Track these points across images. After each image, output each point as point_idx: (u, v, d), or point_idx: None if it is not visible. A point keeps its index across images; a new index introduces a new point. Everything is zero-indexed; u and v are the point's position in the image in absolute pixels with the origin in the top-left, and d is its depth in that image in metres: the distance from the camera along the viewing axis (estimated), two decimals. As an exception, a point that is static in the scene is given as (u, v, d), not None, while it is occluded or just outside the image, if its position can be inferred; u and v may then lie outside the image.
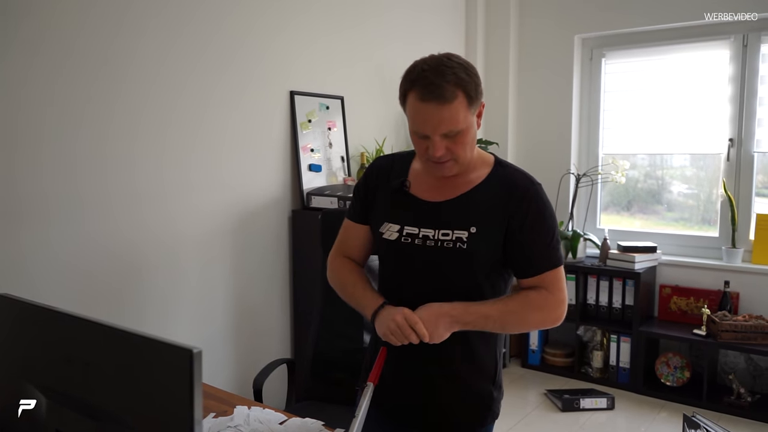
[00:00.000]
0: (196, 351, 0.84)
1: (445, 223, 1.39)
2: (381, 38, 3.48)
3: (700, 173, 3.92)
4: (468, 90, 1.30)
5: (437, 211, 1.41)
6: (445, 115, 1.28)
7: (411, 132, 1.37)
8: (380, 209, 1.49)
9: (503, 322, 1.38)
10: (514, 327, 1.47)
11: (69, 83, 2.14)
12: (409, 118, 1.35)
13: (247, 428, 1.47)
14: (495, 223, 1.37)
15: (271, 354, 2.87)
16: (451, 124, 1.29)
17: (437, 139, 1.31)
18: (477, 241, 1.36)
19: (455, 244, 1.37)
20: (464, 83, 1.29)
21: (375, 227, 1.49)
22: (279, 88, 2.93)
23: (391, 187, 1.47)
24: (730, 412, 3.34)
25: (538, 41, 4.21)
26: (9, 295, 1.14)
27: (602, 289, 3.83)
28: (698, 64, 3.77)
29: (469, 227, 1.37)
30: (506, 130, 4.28)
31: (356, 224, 1.56)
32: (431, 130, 1.31)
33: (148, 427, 0.92)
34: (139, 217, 2.38)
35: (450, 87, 1.27)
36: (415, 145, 1.39)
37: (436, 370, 1.45)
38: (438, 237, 1.38)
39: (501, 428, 3.18)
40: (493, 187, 1.40)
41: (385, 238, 1.45)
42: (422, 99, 1.29)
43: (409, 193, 1.45)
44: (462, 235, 1.37)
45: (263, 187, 2.88)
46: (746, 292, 3.58)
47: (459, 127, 1.30)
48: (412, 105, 1.32)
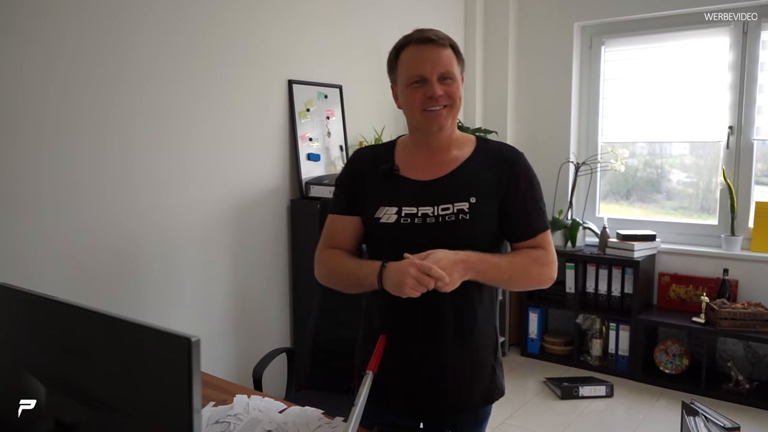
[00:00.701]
0: (195, 339, 0.84)
1: (444, 197, 1.41)
2: (379, 27, 3.46)
3: (699, 161, 3.91)
4: (456, 48, 1.43)
5: (433, 188, 1.43)
6: (443, 54, 1.39)
7: (405, 86, 1.42)
8: (372, 196, 1.47)
9: (511, 274, 1.42)
10: (519, 281, 1.47)
11: (64, 73, 2.12)
12: (405, 67, 1.41)
13: (246, 417, 1.47)
14: (490, 192, 1.43)
15: (270, 343, 2.87)
16: (448, 64, 1.39)
17: (435, 80, 1.38)
18: (478, 211, 1.40)
19: (458, 216, 1.40)
20: (452, 41, 1.43)
21: (369, 214, 1.47)
22: (277, 77, 2.92)
23: (379, 173, 1.47)
24: (729, 399, 3.35)
25: (538, 29, 4.19)
26: (7, 284, 1.14)
27: (601, 277, 3.84)
28: (698, 52, 3.75)
29: (469, 198, 1.41)
30: (505, 119, 4.26)
31: (344, 216, 1.52)
32: (430, 69, 1.38)
33: (148, 415, 0.92)
34: (136, 207, 2.38)
35: (443, 39, 1.41)
36: (409, 98, 1.42)
37: (436, 352, 1.45)
38: (438, 213, 1.41)
39: (500, 416, 3.20)
40: (482, 160, 1.46)
41: (382, 222, 1.44)
42: (420, 43, 1.39)
43: (400, 175, 1.46)
44: (464, 207, 1.40)
45: (262, 176, 2.87)
46: (745, 279, 3.58)
47: (453, 71, 1.40)
48: (409, 53, 1.41)
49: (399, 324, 1.46)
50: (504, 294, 4.09)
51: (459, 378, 1.47)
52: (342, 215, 1.52)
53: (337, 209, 1.54)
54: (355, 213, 1.51)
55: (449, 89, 1.40)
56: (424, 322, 1.44)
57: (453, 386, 1.47)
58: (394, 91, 1.50)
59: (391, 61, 1.46)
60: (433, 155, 1.47)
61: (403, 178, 1.46)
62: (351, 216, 1.51)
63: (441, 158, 1.46)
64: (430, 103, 1.39)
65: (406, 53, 1.41)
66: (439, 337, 1.44)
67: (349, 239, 1.52)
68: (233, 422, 1.45)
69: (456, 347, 1.45)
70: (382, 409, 1.47)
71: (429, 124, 1.42)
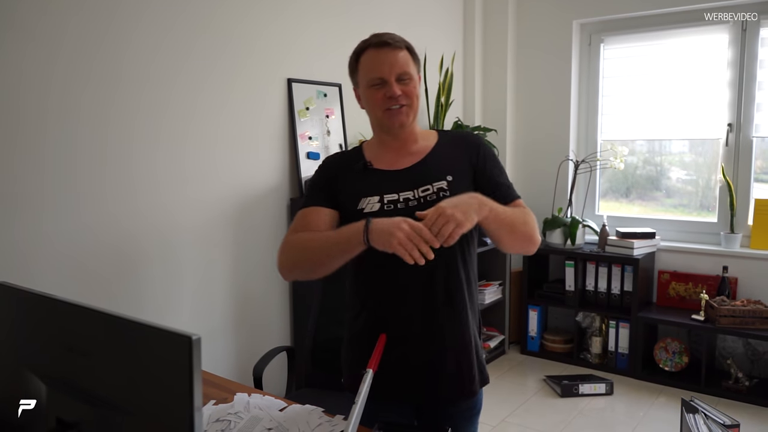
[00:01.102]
0: (195, 338, 0.84)
1: (422, 180, 1.48)
2: (379, 25, 3.45)
3: (698, 159, 3.91)
4: (412, 50, 1.51)
5: (409, 174, 1.50)
6: (400, 58, 1.47)
7: (366, 88, 1.49)
8: (350, 191, 1.51)
9: (512, 219, 1.43)
10: (519, 227, 1.45)
11: (64, 71, 2.12)
12: (365, 70, 1.48)
13: (247, 415, 1.47)
14: (464, 169, 1.52)
15: (270, 342, 2.88)
16: (404, 65, 1.47)
17: (393, 81, 1.46)
18: (457, 187, 1.47)
19: (438, 195, 1.45)
20: (408, 44, 1.51)
21: (350, 207, 1.49)
22: (276, 76, 2.92)
23: (354, 170, 1.53)
24: (729, 397, 3.36)
25: (537, 27, 4.19)
26: (8, 283, 1.14)
27: (601, 275, 3.84)
28: (697, 49, 3.75)
29: (446, 176, 1.48)
30: (504, 117, 4.26)
31: (319, 208, 1.51)
32: (388, 71, 1.45)
33: (148, 414, 0.92)
34: (136, 207, 2.37)
35: (399, 42, 1.49)
36: (371, 99, 1.49)
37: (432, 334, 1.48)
38: (419, 195, 1.47)
39: (500, 414, 3.20)
40: (447, 145, 1.56)
41: (366, 212, 1.46)
42: (378, 47, 1.47)
43: (375, 168, 1.52)
44: (442, 185, 1.47)
45: (261, 175, 2.87)
46: (744, 277, 3.59)
47: (410, 71, 1.48)
48: (368, 57, 1.48)
49: (393, 309, 1.48)
50: (504, 293, 4.09)
51: (455, 361, 1.50)
52: (317, 206, 1.52)
53: (311, 202, 1.54)
54: (330, 204, 1.53)
55: (407, 88, 1.47)
56: (417, 304, 1.47)
57: (451, 369, 1.50)
58: (357, 92, 1.57)
59: (351, 65, 1.54)
60: (400, 148, 1.55)
61: (378, 170, 1.52)
62: (328, 208, 1.52)
63: (409, 149, 1.54)
64: (391, 103, 1.47)
65: (366, 57, 1.49)
66: (435, 320, 1.47)
67: (323, 229, 1.49)
68: (234, 420, 1.45)
69: (452, 327, 1.49)
70: (379, 407, 1.47)
71: (391, 122, 1.49)
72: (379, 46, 1.47)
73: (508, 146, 4.29)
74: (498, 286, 4.05)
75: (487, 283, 4.02)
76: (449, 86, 3.77)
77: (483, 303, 3.87)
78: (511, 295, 4.16)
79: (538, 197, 4.25)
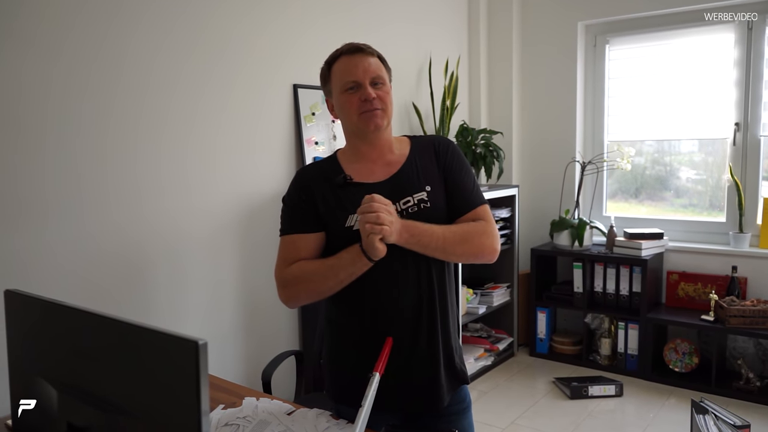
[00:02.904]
0: (202, 342, 0.85)
1: (403, 192, 1.50)
2: (383, 28, 3.47)
3: (708, 159, 3.90)
4: (383, 59, 1.55)
5: (389, 186, 1.51)
6: (372, 61, 1.50)
7: (341, 93, 1.51)
8: (333, 208, 1.50)
9: (444, 240, 1.45)
10: (456, 247, 1.48)
11: (64, 78, 2.13)
12: (339, 75, 1.51)
13: (255, 419, 1.49)
14: (436, 178, 1.54)
15: (279, 346, 2.89)
16: (378, 70, 1.50)
17: (367, 84, 1.48)
18: (435, 197, 1.51)
19: (419, 206, 1.49)
20: (380, 54, 1.55)
21: (336, 225, 1.48)
22: (282, 82, 2.94)
23: (335, 185, 1.51)
24: (739, 397, 3.34)
25: (541, 28, 4.19)
26: (18, 290, 1.16)
27: (609, 276, 3.83)
28: (703, 49, 3.74)
29: (425, 187, 1.51)
30: (510, 119, 4.27)
31: (304, 235, 1.51)
32: (362, 74, 1.48)
33: (157, 418, 0.94)
34: (140, 214, 2.39)
35: (369, 49, 1.53)
36: (346, 105, 1.51)
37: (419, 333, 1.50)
38: (401, 207, 1.49)
39: (510, 416, 3.20)
40: (420, 152, 1.57)
41: (355, 229, 1.46)
42: (350, 54, 1.50)
43: (355, 182, 1.52)
44: (422, 196, 1.50)
45: (268, 180, 2.89)
46: (754, 276, 3.57)
47: (383, 76, 1.51)
48: (341, 63, 1.51)
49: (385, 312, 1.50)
50: (512, 295, 4.09)
51: (446, 357, 1.54)
52: (303, 234, 1.52)
53: (294, 229, 1.53)
54: (315, 228, 1.52)
55: (381, 92, 1.49)
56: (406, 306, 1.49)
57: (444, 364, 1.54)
58: (329, 103, 1.58)
59: (324, 74, 1.56)
60: (377, 158, 1.55)
61: (359, 184, 1.51)
62: (312, 233, 1.52)
63: (386, 159, 1.55)
64: (366, 106, 1.48)
65: (339, 64, 1.51)
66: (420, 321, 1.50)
67: (313, 255, 1.52)
68: (242, 425, 1.46)
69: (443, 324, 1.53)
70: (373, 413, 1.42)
71: (366, 125, 1.50)
72: (352, 53, 1.50)
73: (514, 148, 4.29)
74: (506, 289, 4.05)
75: (495, 285, 4.02)
76: (454, 89, 3.78)
77: (492, 305, 3.87)
78: (519, 298, 4.16)
79: (545, 199, 4.25)
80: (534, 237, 4.30)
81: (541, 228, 4.25)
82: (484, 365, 3.81)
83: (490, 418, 3.18)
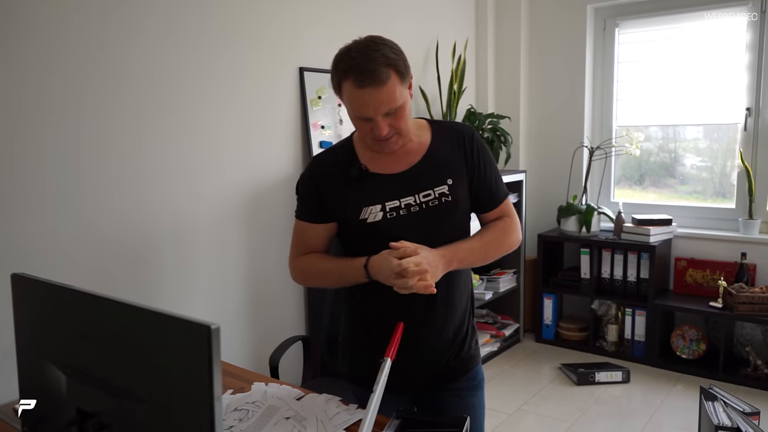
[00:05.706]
0: (214, 327, 0.84)
1: (423, 185, 1.46)
2: (390, 12, 3.43)
3: (713, 145, 3.85)
4: (398, 67, 1.37)
5: (408, 178, 1.47)
6: (384, 96, 1.35)
7: (352, 117, 1.42)
8: (348, 199, 1.47)
9: (485, 251, 1.49)
10: (493, 254, 1.52)
11: (68, 63, 2.10)
12: (349, 104, 1.40)
13: (264, 404, 1.48)
14: (461, 171, 1.49)
15: (286, 331, 2.88)
16: (391, 102, 1.36)
17: (380, 119, 1.37)
18: (457, 191, 1.47)
19: (440, 200, 1.46)
20: (394, 62, 1.36)
21: (351, 218, 1.47)
22: (288, 65, 2.90)
23: (351, 177, 1.47)
24: (748, 384, 3.33)
25: (550, 11, 4.13)
26: (26, 274, 1.14)
27: (617, 262, 3.81)
28: (714, 32, 3.69)
29: (446, 180, 1.47)
30: (518, 104, 4.22)
31: (315, 224, 1.52)
32: (373, 111, 1.36)
33: (168, 403, 0.92)
34: (147, 199, 2.37)
35: (382, 68, 1.34)
36: (358, 128, 1.44)
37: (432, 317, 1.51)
38: (421, 200, 1.46)
39: (516, 402, 3.20)
40: (442, 142, 1.51)
41: (370, 222, 1.45)
42: (359, 86, 1.34)
43: (372, 173, 1.48)
44: (444, 190, 1.46)
45: (274, 165, 2.86)
46: (763, 263, 3.54)
47: (397, 103, 1.37)
48: (350, 92, 1.37)
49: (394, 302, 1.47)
50: (518, 281, 4.08)
51: (454, 338, 1.55)
52: (313, 223, 1.52)
53: (306, 217, 1.53)
54: (326, 220, 1.51)
55: (395, 120, 1.39)
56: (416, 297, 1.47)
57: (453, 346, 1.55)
58: (342, 100, 1.45)
59: (334, 85, 1.43)
60: (396, 149, 1.49)
61: (376, 174, 1.48)
62: (322, 224, 1.52)
63: (405, 149, 1.49)
64: (380, 137, 1.40)
65: (348, 90, 1.37)
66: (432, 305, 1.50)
67: (322, 245, 1.55)
68: (251, 410, 1.45)
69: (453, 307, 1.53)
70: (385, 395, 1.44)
71: (380, 149, 1.46)
72: (362, 85, 1.33)
73: (521, 133, 4.26)
74: (513, 275, 4.03)
75: (502, 271, 4.00)
76: (462, 73, 3.74)
77: (498, 291, 3.86)
78: (525, 283, 4.14)
79: (552, 184, 4.22)
80: (541, 223, 4.28)
81: (549, 214, 4.22)
82: (491, 351, 3.80)
83: (497, 404, 3.18)
